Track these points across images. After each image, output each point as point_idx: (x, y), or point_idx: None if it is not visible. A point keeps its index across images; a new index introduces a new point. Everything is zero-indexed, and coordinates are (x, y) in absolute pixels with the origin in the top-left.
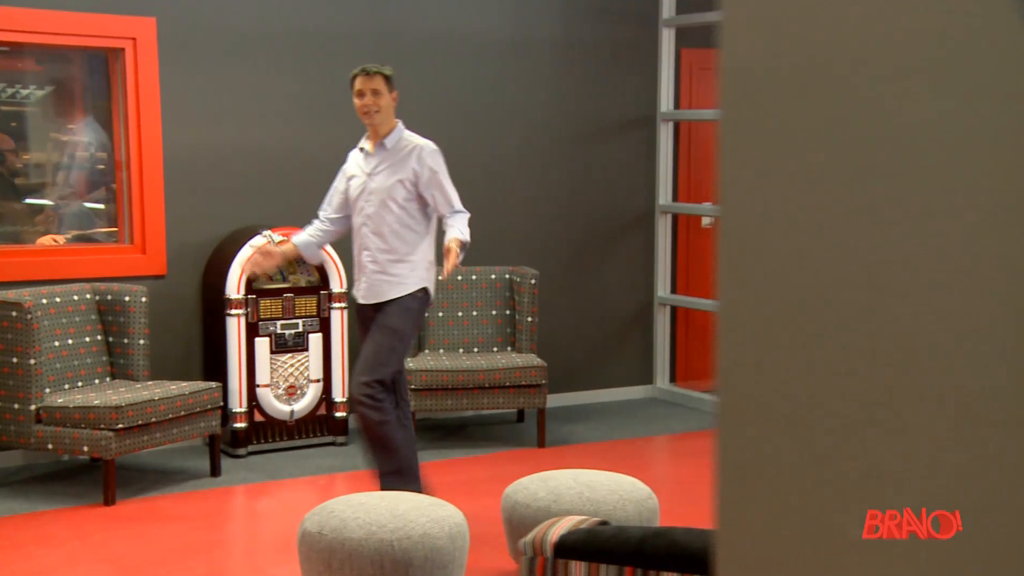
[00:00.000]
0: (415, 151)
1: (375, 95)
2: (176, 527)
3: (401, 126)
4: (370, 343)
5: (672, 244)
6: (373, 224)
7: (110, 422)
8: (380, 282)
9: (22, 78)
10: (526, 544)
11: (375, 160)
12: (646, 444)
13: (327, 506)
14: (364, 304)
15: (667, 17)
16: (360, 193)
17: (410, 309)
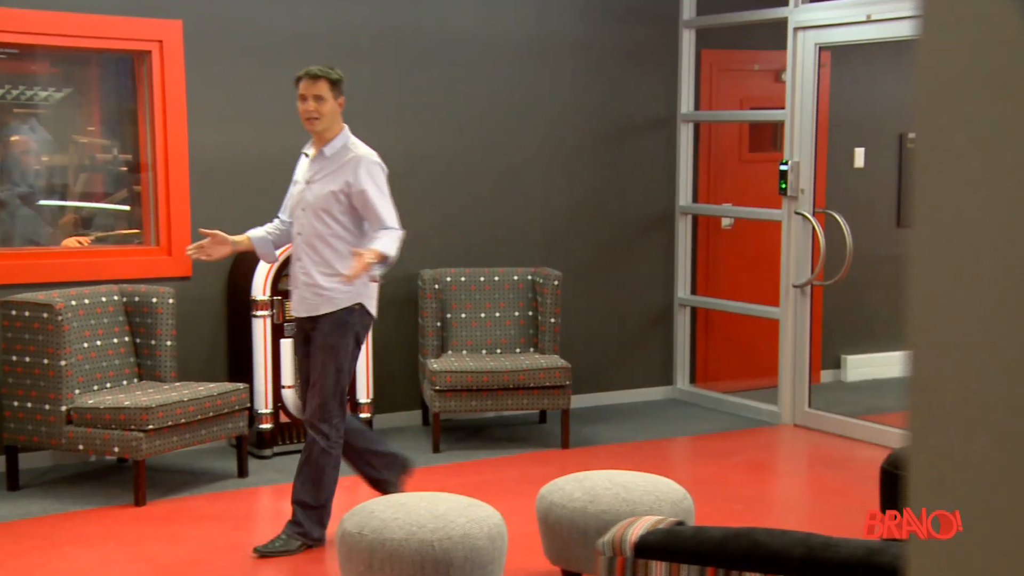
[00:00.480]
0: (353, 162)
1: (318, 101)
2: (208, 527)
3: (346, 133)
4: (314, 369)
5: (692, 245)
6: (306, 235)
7: (140, 423)
8: (312, 296)
9: (39, 80)
10: (604, 544)
11: (314, 168)
12: (669, 445)
13: (366, 506)
14: (300, 317)
15: (687, 18)
16: (297, 201)
17: (345, 324)
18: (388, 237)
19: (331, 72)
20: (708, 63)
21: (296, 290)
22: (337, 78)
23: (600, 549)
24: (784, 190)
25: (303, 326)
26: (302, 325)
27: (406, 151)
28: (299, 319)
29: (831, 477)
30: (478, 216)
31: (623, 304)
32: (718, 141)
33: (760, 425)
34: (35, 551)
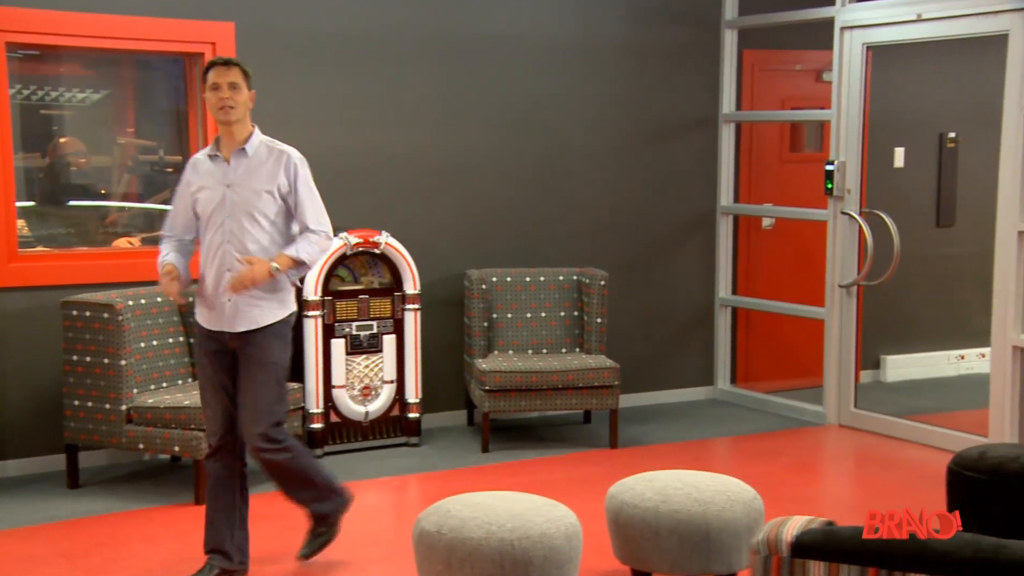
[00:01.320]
0: (282, 159)
1: (233, 89)
2: (269, 526)
3: (258, 131)
4: (252, 385)
5: (733, 245)
6: (237, 242)
7: (200, 423)
8: (249, 308)
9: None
10: (759, 543)
11: (234, 169)
12: (716, 445)
13: (442, 505)
14: (222, 331)
15: (730, 18)
16: (217, 207)
17: (285, 337)
18: (307, 242)
19: (241, 62)
20: (750, 63)
21: (227, 302)
22: (247, 71)
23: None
24: (830, 190)
25: (226, 341)
26: (223, 340)
27: (452, 151)
28: (217, 332)
29: (884, 478)
30: (522, 216)
31: (664, 304)
32: (759, 141)
33: (804, 425)
34: (104, 548)
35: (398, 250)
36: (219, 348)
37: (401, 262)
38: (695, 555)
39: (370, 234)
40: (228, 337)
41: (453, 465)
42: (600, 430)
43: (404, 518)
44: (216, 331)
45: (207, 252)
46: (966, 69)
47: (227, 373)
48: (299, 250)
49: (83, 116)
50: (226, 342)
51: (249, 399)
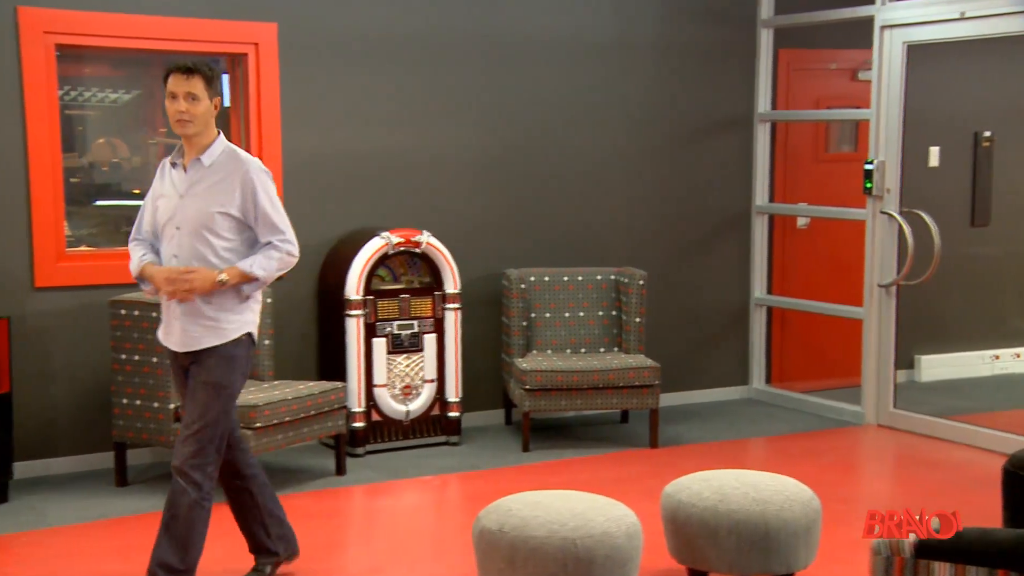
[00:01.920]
0: (240, 171)
1: (191, 100)
2: (322, 524)
3: (222, 139)
4: (190, 404)
5: (768, 245)
6: (184, 257)
7: (248, 421)
8: (194, 328)
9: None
10: (881, 544)
11: (190, 179)
12: (756, 445)
13: (502, 504)
14: (174, 351)
15: (765, 17)
16: (170, 218)
17: (235, 358)
18: (264, 256)
19: (206, 67)
20: (785, 62)
21: (174, 320)
22: (212, 74)
23: (876, 549)
24: (869, 190)
25: (180, 360)
26: (179, 359)
27: (490, 151)
28: (175, 353)
29: (929, 478)
30: (559, 215)
31: (699, 304)
32: (794, 141)
33: (842, 425)
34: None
35: (439, 249)
36: (178, 364)
37: (442, 261)
38: (753, 555)
39: (411, 233)
40: (180, 356)
41: (494, 464)
42: (638, 429)
43: (453, 517)
44: (172, 350)
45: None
46: (1001, 67)
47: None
48: (253, 264)
49: (114, 116)
50: (181, 360)
51: (186, 426)
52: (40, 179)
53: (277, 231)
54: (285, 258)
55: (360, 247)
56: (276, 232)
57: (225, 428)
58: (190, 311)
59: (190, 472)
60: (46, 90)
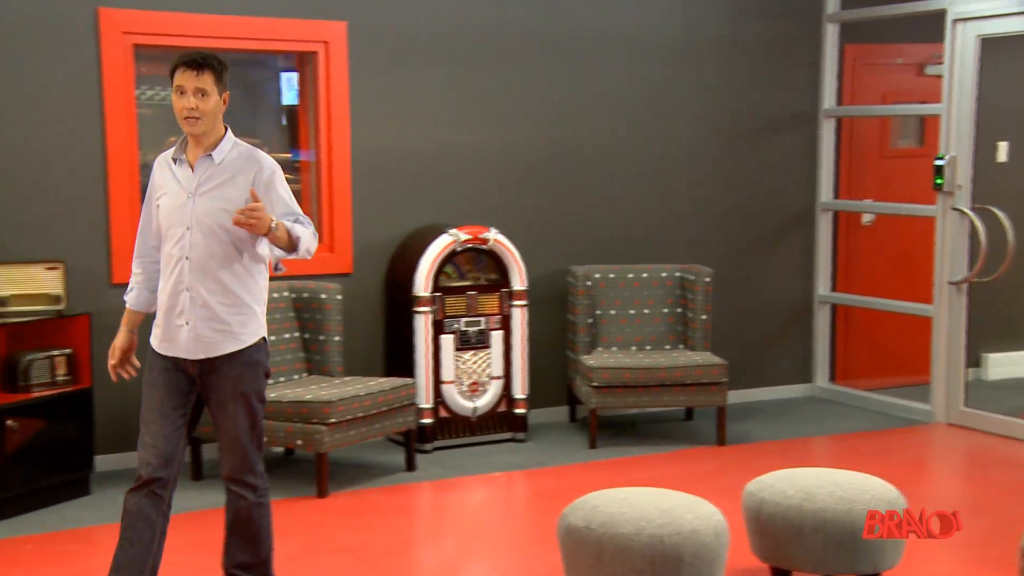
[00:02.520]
0: (253, 167)
1: (202, 96)
2: (395, 519)
3: (231, 135)
4: (226, 421)
5: (832, 241)
6: (198, 258)
7: (323, 416)
8: (211, 332)
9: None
10: None
11: (200, 176)
12: (825, 443)
13: (588, 501)
14: (181, 359)
15: (831, 12)
16: (177, 217)
17: (258, 363)
18: (301, 226)
19: (216, 61)
20: (851, 57)
21: (178, 325)
22: (222, 68)
23: None
24: (940, 185)
25: (183, 368)
26: (182, 368)
27: (554, 148)
28: (177, 360)
29: (1005, 478)
30: (623, 212)
31: (762, 301)
32: (860, 136)
33: (911, 424)
34: None
35: (506, 246)
36: (173, 369)
37: (509, 259)
38: (840, 554)
39: (479, 231)
40: (189, 365)
41: (562, 461)
42: (703, 427)
43: (527, 513)
44: (172, 357)
45: (164, 268)
46: None
47: (180, 398)
48: (295, 227)
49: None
50: (185, 368)
51: (226, 437)
52: (118, 177)
53: (296, 208)
54: (312, 240)
55: (428, 244)
56: (295, 209)
57: (261, 430)
58: (203, 315)
59: (242, 478)
60: (124, 89)
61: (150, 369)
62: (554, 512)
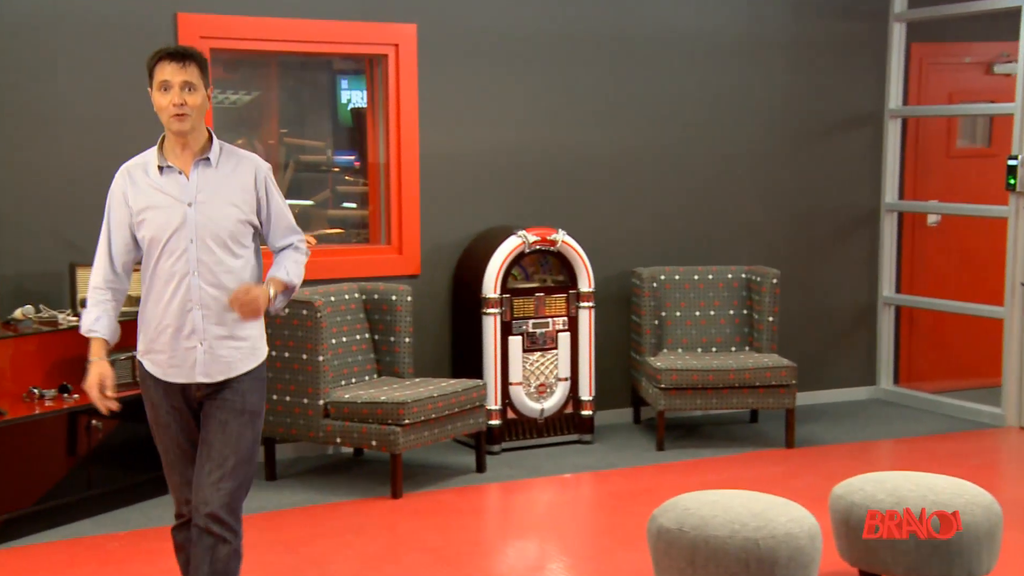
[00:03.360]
0: (250, 168)
1: (190, 90)
2: (473, 520)
3: (212, 133)
4: (222, 436)
5: (897, 243)
6: (208, 272)
7: (397, 417)
8: (230, 351)
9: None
10: None
11: (197, 182)
12: (893, 446)
13: (678, 503)
14: (188, 384)
15: (899, 11)
16: (177, 230)
17: (264, 380)
18: (293, 262)
19: (199, 53)
20: (918, 56)
21: (188, 349)
22: (205, 61)
23: None
24: (1013, 186)
25: (191, 393)
26: (188, 392)
27: (620, 149)
28: (181, 385)
29: None
30: (687, 213)
31: (826, 302)
32: (926, 136)
33: (980, 427)
34: (320, 538)
35: (574, 248)
36: (182, 404)
37: (576, 260)
38: (934, 559)
39: (547, 232)
40: (195, 388)
41: (631, 463)
42: (768, 429)
43: (604, 514)
44: (179, 384)
45: (161, 287)
46: None
47: (193, 430)
48: (289, 272)
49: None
50: (192, 394)
51: (218, 462)
52: None
53: (294, 231)
54: (304, 262)
55: (497, 245)
56: (294, 232)
57: (253, 461)
58: (219, 333)
59: (227, 518)
60: None
61: (154, 408)
62: (630, 514)
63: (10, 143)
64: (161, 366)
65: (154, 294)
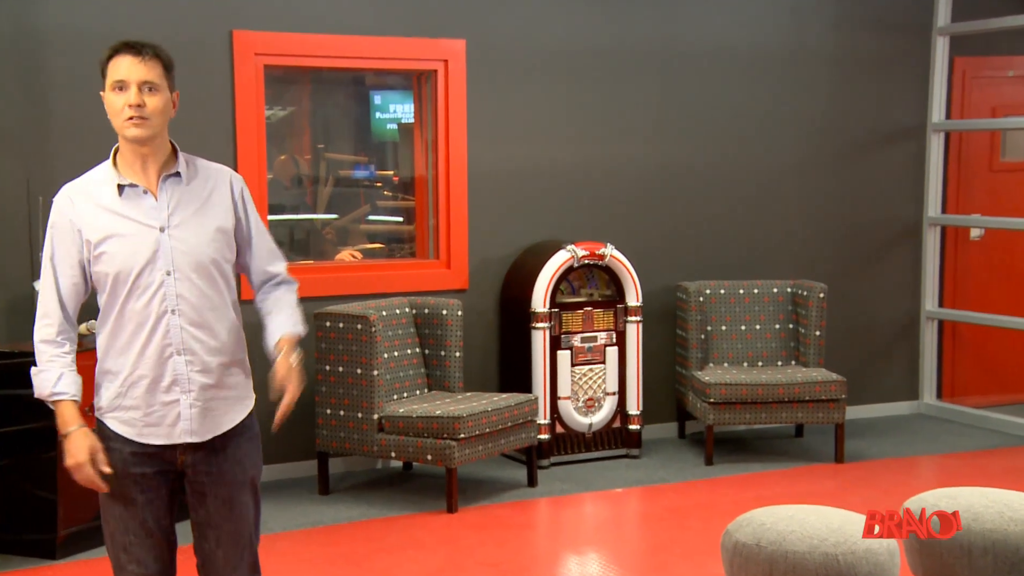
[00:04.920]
0: (223, 182)
1: (150, 91)
2: (529, 534)
3: (176, 146)
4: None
5: (940, 257)
6: (189, 308)
7: (453, 432)
8: (220, 403)
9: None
10: None
11: (169, 204)
12: (945, 461)
13: (753, 517)
14: (171, 445)
15: (942, 25)
16: (148, 262)
17: (258, 435)
18: (289, 306)
19: (162, 49)
20: (961, 70)
21: (180, 399)
22: (170, 59)
23: None
24: None
25: (173, 458)
26: (168, 457)
27: (665, 163)
28: (159, 449)
29: None
30: (731, 228)
31: (868, 316)
32: (969, 150)
33: None
34: (381, 553)
35: (622, 262)
36: (156, 470)
37: (625, 275)
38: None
39: (596, 246)
40: (180, 451)
41: (681, 477)
42: (815, 443)
43: (661, 529)
44: (158, 446)
45: (131, 332)
46: None
47: (166, 506)
48: (296, 320)
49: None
50: (173, 459)
51: (227, 538)
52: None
53: (277, 256)
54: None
55: (546, 260)
56: (277, 258)
57: (259, 528)
58: (209, 382)
59: None
60: (255, 110)
61: (118, 473)
62: (687, 529)
63: (68, 161)
64: (134, 425)
65: (121, 341)
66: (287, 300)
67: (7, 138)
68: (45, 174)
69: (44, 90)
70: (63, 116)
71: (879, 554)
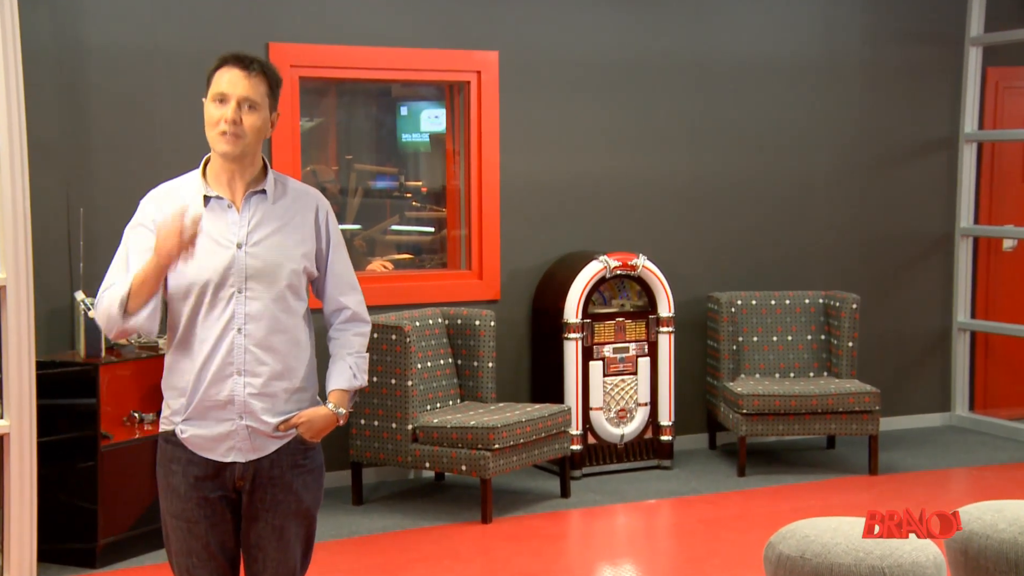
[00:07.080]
0: (311, 204)
1: (249, 108)
2: (566, 545)
3: (268, 163)
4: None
5: (972, 268)
6: (257, 328)
7: (487, 442)
8: (269, 414)
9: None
10: None
11: (250, 220)
12: (981, 474)
13: (797, 529)
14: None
15: (974, 36)
16: (222, 276)
17: (323, 470)
18: (357, 352)
19: (271, 67)
20: (994, 80)
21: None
22: (278, 80)
23: None
24: None
25: (233, 478)
26: (228, 477)
27: (697, 174)
28: (222, 466)
29: None
30: (763, 239)
31: (900, 328)
32: (1002, 161)
33: None
34: (420, 563)
35: (654, 273)
36: (220, 495)
37: (657, 285)
38: None
39: (628, 257)
40: (239, 472)
41: (715, 489)
42: (847, 455)
43: (698, 540)
44: (221, 463)
45: (196, 347)
46: None
47: (231, 529)
48: (357, 369)
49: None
50: (233, 480)
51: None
52: None
53: (355, 289)
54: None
55: (578, 271)
56: (354, 291)
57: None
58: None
59: None
60: (290, 122)
61: (180, 498)
62: (724, 540)
63: (107, 174)
64: (199, 438)
65: (186, 356)
66: (354, 345)
67: (48, 151)
68: (84, 187)
69: (84, 104)
70: (103, 130)
71: (926, 568)
